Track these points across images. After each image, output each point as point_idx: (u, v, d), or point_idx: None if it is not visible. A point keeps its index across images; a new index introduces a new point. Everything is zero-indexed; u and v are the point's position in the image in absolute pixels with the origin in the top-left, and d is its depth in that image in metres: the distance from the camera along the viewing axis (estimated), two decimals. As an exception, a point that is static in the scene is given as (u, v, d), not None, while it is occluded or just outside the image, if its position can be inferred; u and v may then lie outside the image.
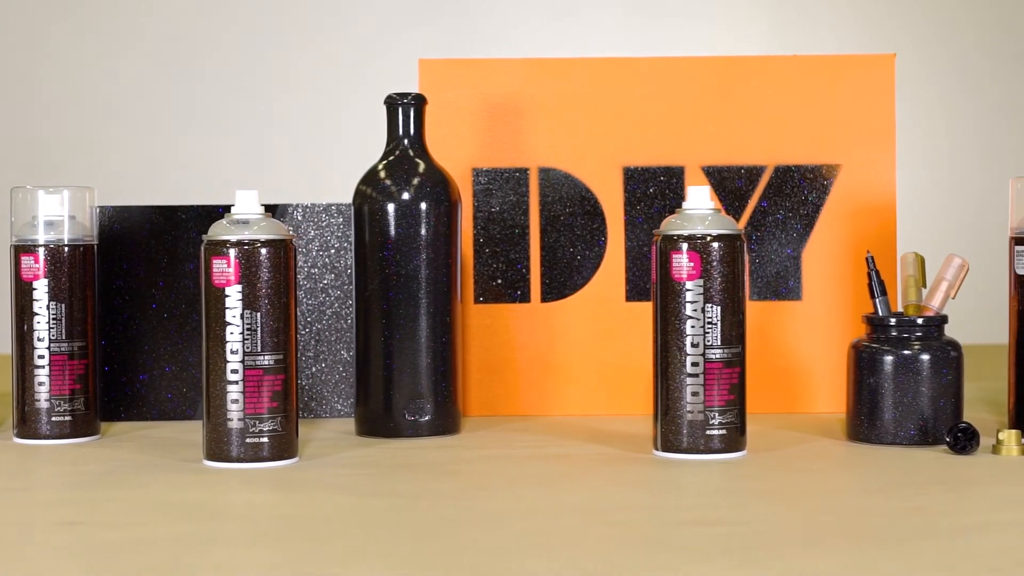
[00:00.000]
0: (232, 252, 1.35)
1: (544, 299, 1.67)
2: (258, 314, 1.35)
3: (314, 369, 1.65)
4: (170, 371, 1.63)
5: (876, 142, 1.67)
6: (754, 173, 1.67)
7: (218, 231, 1.36)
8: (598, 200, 1.67)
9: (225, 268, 1.35)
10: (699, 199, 1.40)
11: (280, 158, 2.63)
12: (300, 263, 1.64)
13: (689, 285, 1.37)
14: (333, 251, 1.64)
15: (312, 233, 1.64)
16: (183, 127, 2.63)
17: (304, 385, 1.65)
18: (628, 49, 2.57)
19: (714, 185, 1.67)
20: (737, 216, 1.67)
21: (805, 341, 1.66)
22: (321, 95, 2.61)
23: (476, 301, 1.67)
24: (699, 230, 1.38)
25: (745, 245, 1.39)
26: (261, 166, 2.62)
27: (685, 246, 1.37)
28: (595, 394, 1.66)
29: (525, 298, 1.67)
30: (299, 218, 1.64)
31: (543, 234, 1.67)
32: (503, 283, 1.67)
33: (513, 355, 1.67)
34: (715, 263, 1.37)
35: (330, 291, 1.64)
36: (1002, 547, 1.02)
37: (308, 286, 1.64)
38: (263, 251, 1.35)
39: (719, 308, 1.37)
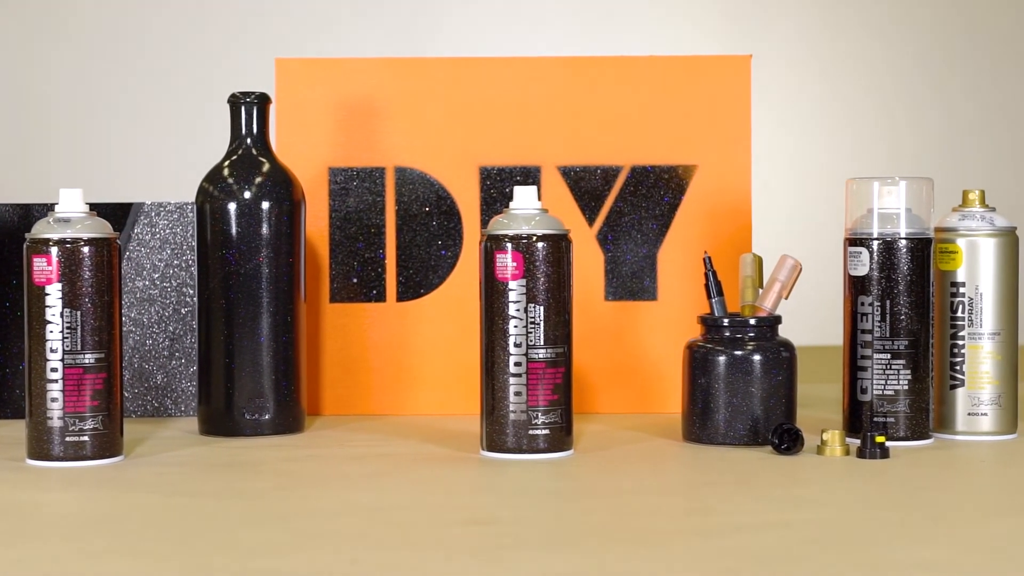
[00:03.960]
0: (53, 251, 1.35)
1: (400, 299, 1.67)
2: (79, 312, 1.35)
3: (170, 367, 1.65)
4: (24, 369, 1.63)
5: (732, 143, 1.67)
6: (610, 173, 1.67)
7: (40, 229, 1.36)
8: (454, 200, 1.67)
9: (45, 266, 1.35)
10: (525, 199, 1.40)
11: (141, 156, 2.62)
12: (155, 262, 1.64)
13: (512, 285, 1.37)
14: (189, 250, 1.64)
15: (167, 232, 1.65)
16: (43, 124, 2.62)
17: (160, 383, 1.65)
18: (485, 49, 2.57)
19: (570, 185, 1.67)
20: (593, 216, 1.67)
21: (660, 341, 1.67)
22: (184, 92, 2.60)
23: (332, 300, 1.67)
24: (524, 230, 1.38)
25: (571, 245, 1.39)
26: (124, 164, 2.62)
27: (510, 246, 1.38)
28: (450, 394, 1.66)
29: (381, 297, 1.67)
30: (154, 216, 1.65)
31: (399, 233, 1.67)
32: (359, 282, 1.67)
33: (368, 354, 1.67)
34: (539, 263, 1.37)
35: (185, 290, 1.65)
36: (755, 547, 1.02)
37: (163, 285, 1.65)
38: (85, 249, 1.35)
39: (542, 308, 1.38)
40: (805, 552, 1.01)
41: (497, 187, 1.67)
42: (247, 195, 1.52)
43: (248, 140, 1.54)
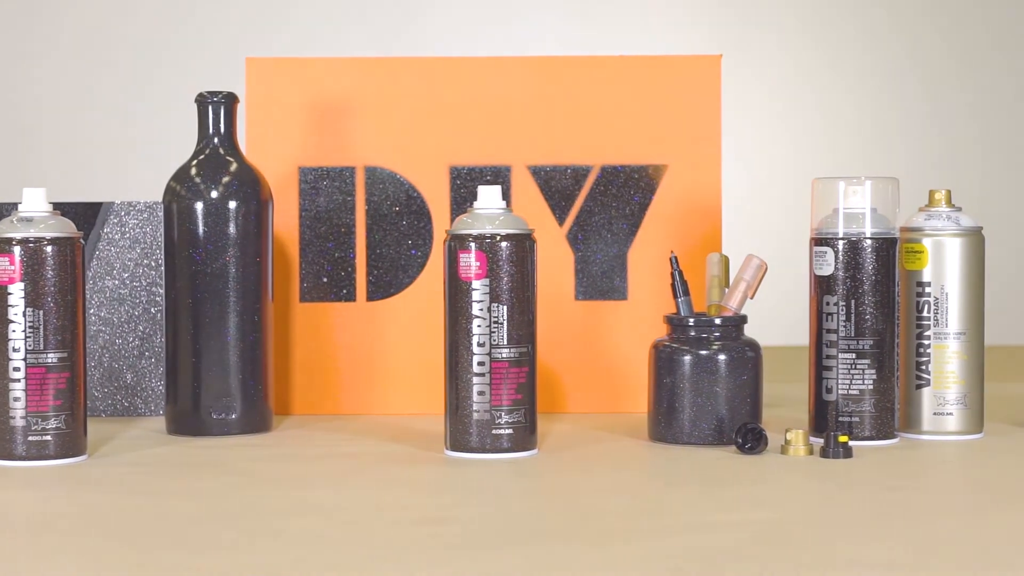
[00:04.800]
0: (16, 250, 1.35)
1: (370, 298, 1.67)
2: (41, 312, 1.35)
3: (139, 367, 1.65)
4: (-7, 368, 1.63)
5: (702, 143, 1.67)
6: (580, 173, 1.67)
7: (2, 229, 1.36)
8: (424, 199, 1.67)
9: (8, 266, 1.35)
10: (489, 198, 1.40)
11: (113, 155, 2.62)
12: (125, 261, 1.64)
13: (476, 284, 1.37)
14: (158, 249, 1.64)
15: (137, 231, 1.65)
16: (15, 123, 2.62)
17: (130, 383, 1.65)
18: (456, 49, 2.57)
19: (541, 185, 1.67)
20: (563, 216, 1.67)
21: (630, 340, 1.66)
22: (158, 92, 2.60)
23: (302, 300, 1.67)
24: (488, 230, 1.38)
25: (536, 245, 1.39)
26: (97, 163, 2.62)
27: (473, 245, 1.38)
28: (419, 393, 1.66)
29: (351, 297, 1.67)
30: (124, 216, 1.64)
31: (369, 233, 1.67)
32: (329, 282, 1.67)
33: (338, 354, 1.67)
34: (503, 263, 1.37)
35: (155, 289, 1.65)
36: (704, 547, 1.02)
37: (133, 284, 1.65)
38: (48, 249, 1.35)
39: (506, 308, 1.37)
40: (752, 552, 1.01)
41: (467, 187, 1.67)
42: (214, 194, 1.52)
43: (216, 139, 1.54)
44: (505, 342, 1.37)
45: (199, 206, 1.51)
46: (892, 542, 1.03)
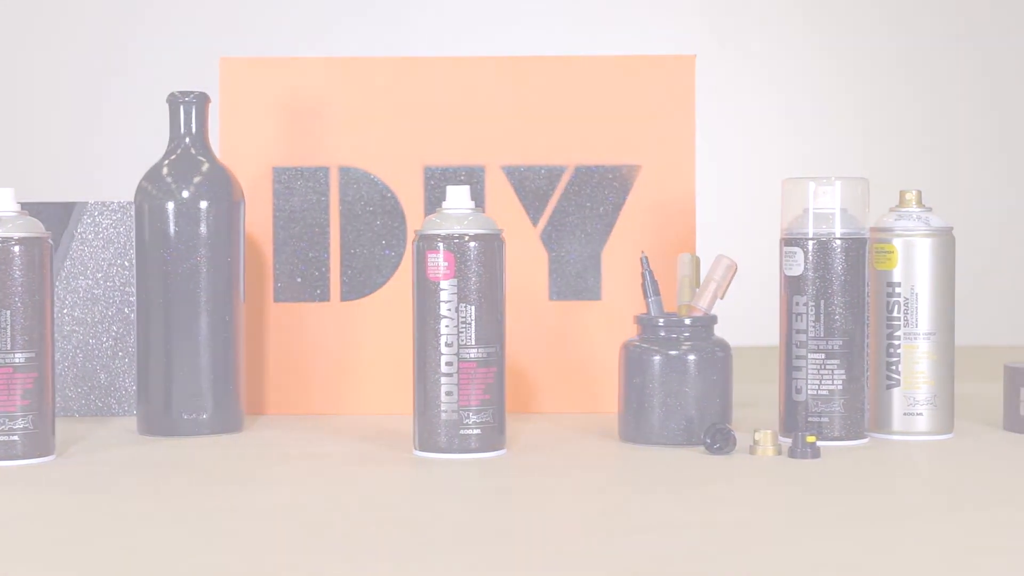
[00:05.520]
0: (-17, 250, 1.35)
1: (344, 298, 1.67)
2: (8, 312, 1.35)
3: (113, 367, 1.65)
4: (-34, 368, 1.63)
5: (676, 143, 1.67)
6: (554, 173, 1.67)
7: (-30, 229, 1.36)
8: (398, 199, 1.67)
9: (-25, 266, 1.35)
10: (458, 199, 1.40)
11: (88, 155, 2.62)
12: (99, 261, 1.64)
13: (444, 284, 1.37)
14: (132, 249, 1.64)
15: (110, 231, 1.64)
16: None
17: (103, 383, 1.65)
18: (431, 49, 2.57)
19: (515, 185, 1.67)
20: (537, 216, 1.67)
21: (604, 340, 1.66)
22: (136, 91, 2.60)
23: (276, 300, 1.67)
24: (456, 230, 1.38)
25: (504, 245, 1.39)
26: (72, 162, 2.61)
27: (441, 245, 1.38)
28: (393, 393, 1.66)
29: (324, 297, 1.67)
30: (97, 216, 1.64)
31: (343, 233, 1.67)
32: (303, 282, 1.67)
33: (313, 354, 1.67)
34: (471, 263, 1.37)
35: (128, 289, 1.65)
36: (659, 547, 1.01)
37: (107, 284, 1.65)
38: (16, 249, 1.35)
39: (474, 308, 1.37)
40: (709, 552, 1.00)
41: (442, 187, 1.67)
42: (185, 194, 1.52)
43: (187, 139, 1.54)
44: (473, 342, 1.37)
45: (170, 206, 1.51)
46: (852, 543, 1.03)
